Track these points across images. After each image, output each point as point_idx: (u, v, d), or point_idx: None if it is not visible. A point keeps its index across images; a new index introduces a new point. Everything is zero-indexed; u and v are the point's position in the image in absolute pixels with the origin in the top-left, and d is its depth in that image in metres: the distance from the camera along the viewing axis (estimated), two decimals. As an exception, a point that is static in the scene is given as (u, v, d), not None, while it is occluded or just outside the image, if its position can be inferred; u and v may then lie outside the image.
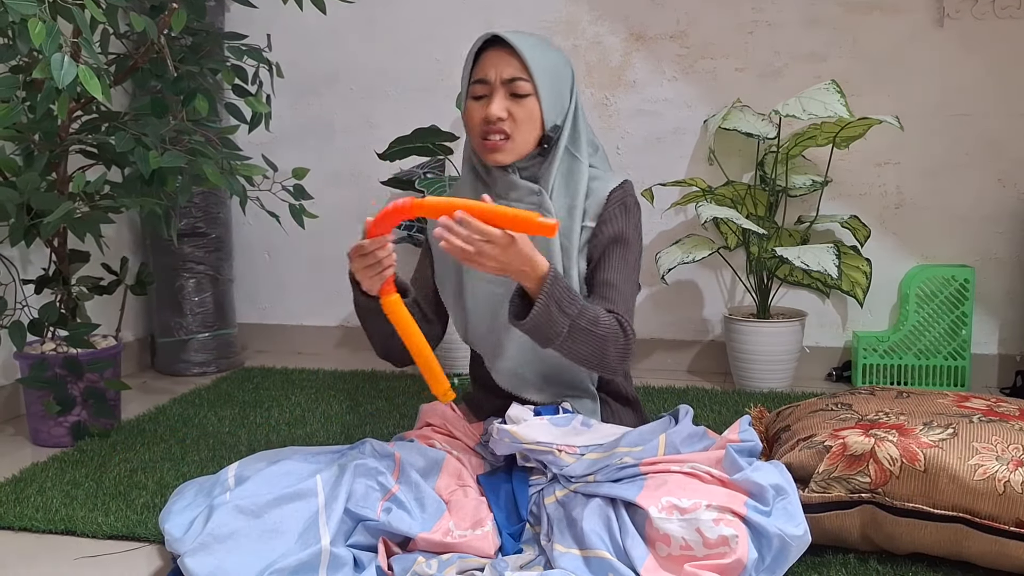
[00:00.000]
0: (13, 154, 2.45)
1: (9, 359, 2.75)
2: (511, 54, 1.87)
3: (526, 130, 1.89)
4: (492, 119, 1.86)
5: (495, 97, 1.87)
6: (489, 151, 1.90)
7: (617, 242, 1.92)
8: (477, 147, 1.93)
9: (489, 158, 1.91)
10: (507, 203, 1.91)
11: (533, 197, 1.92)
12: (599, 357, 1.79)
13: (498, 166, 1.92)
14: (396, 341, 1.83)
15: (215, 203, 3.37)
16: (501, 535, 1.73)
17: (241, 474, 1.80)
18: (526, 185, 1.92)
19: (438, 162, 3.24)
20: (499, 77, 1.87)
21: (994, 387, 3.12)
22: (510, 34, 1.88)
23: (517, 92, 1.87)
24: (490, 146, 1.89)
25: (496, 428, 1.82)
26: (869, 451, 1.78)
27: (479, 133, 1.90)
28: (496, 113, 1.86)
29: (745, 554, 1.51)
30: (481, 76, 1.89)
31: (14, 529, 2.02)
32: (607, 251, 1.92)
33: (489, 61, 1.89)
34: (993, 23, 3.02)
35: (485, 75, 1.88)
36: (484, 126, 1.88)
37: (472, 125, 1.92)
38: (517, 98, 1.88)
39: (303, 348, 3.68)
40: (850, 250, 3.02)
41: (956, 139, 3.09)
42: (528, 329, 1.73)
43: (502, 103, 1.87)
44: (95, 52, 2.05)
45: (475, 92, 1.90)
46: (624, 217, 1.94)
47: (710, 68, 3.23)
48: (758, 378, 3.05)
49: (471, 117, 1.91)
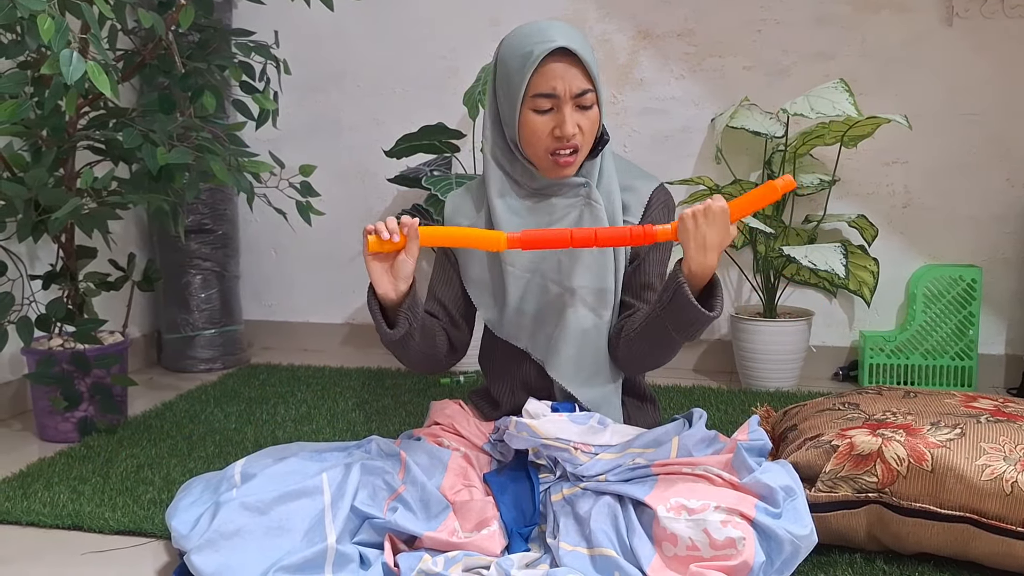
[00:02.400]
0: (21, 150, 2.45)
1: (16, 355, 2.75)
2: (576, 64, 1.81)
3: (590, 139, 1.87)
4: (568, 136, 1.81)
5: (565, 111, 1.81)
6: (561, 168, 1.86)
7: (658, 246, 1.94)
8: (542, 162, 1.87)
9: (558, 175, 1.88)
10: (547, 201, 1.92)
11: (580, 189, 1.91)
12: (670, 356, 1.90)
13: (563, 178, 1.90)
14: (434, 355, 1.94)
15: (222, 200, 3.37)
16: (510, 534, 1.73)
17: (247, 471, 1.80)
18: (574, 180, 1.91)
19: (445, 160, 3.24)
20: (569, 91, 1.80)
21: (1001, 387, 3.11)
22: (571, 40, 1.81)
23: (584, 104, 1.83)
24: (563, 163, 1.85)
25: (515, 422, 1.82)
26: (876, 451, 1.77)
27: (547, 148, 1.84)
28: (572, 131, 1.81)
29: (752, 556, 1.50)
30: (548, 90, 1.80)
31: (21, 524, 2.03)
32: (651, 253, 1.95)
33: (555, 73, 1.80)
34: (1002, 22, 3.01)
35: (553, 89, 1.80)
36: (555, 143, 1.84)
37: (536, 139, 1.84)
38: (583, 110, 1.84)
39: (309, 345, 3.69)
40: (857, 249, 3.02)
41: (964, 138, 3.09)
42: (701, 318, 1.76)
43: (573, 118, 1.81)
44: (103, 48, 2.05)
45: (539, 106, 1.82)
46: (668, 219, 1.96)
47: (718, 66, 3.23)
48: (764, 377, 3.05)
49: (534, 131, 1.83)
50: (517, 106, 1.83)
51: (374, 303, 1.84)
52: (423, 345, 1.89)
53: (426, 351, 1.91)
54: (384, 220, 1.76)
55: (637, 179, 1.98)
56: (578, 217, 1.91)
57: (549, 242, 1.77)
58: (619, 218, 1.93)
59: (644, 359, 1.90)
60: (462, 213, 2.01)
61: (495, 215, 1.94)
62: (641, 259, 1.95)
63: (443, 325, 2.00)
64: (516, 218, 1.93)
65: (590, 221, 1.90)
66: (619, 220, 1.92)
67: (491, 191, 1.95)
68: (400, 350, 1.88)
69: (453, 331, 2.01)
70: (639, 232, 1.75)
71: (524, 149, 1.88)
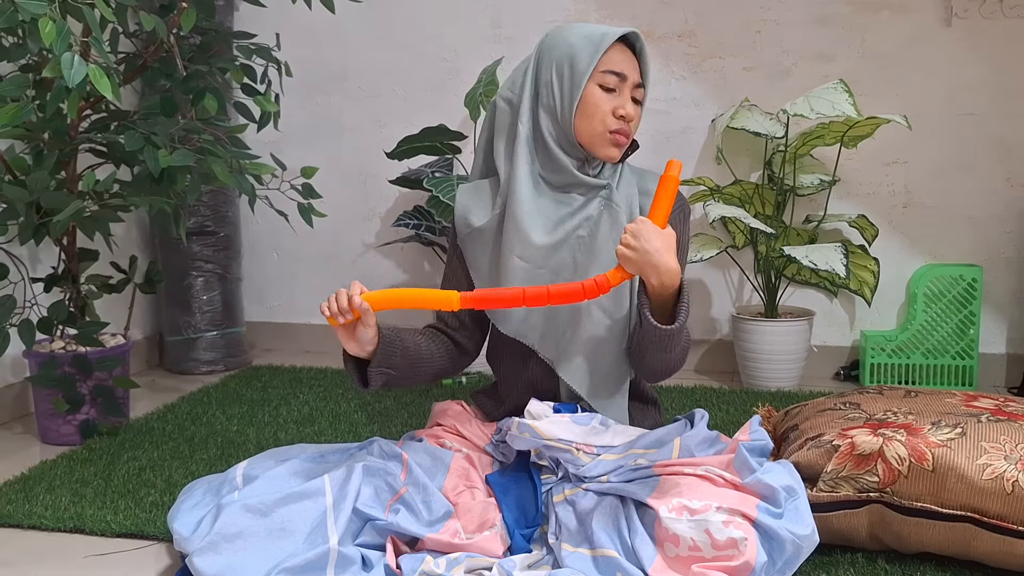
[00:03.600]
0: (23, 153, 2.45)
1: (18, 357, 2.76)
2: (636, 58, 1.90)
3: (633, 135, 1.93)
4: (630, 116, 1.88)
5: (625, 95, 1.88)
6: (613, 147, 1.90)
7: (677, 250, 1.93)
8: (599, 137, 1.89)
9: (610, 152, 1.91)
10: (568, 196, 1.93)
11: (602, 191, 1.93)
12: (679, 364, 1.89)
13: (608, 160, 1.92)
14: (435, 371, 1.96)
15: (224, 202, 3.37)
16: (512, 535, 1.73)
17: (249, 473, 1.80)
18: (595, 182, 1.93)
19: (446, 161, 3.24)
20: (633, 79, 1.88)
21: (1002, 386, 3.11)
22: (640, 42, 1.90)
23: (637, 99, 1.91)
24: (618, 140, 1.89)
25: (517, 423, 1.82)
26: (877, 450, 1.77)
27: (607, 125, 1.88)
28: (632, 114, 1.88)
29: (754, 556, 1.50)
30: (619, 70, 1.87)
31: (23, 527, 2.03)
32: None
33: (624, 57, 1.88)
34: (1001, 22, 3.02)
35: (623, 70, 1.87)
36: (617, 121, 1.88)
37: (598, 113, 1.87)
38: (636, 104, 1.91)
39: (311, 347, 3.69)
40: (858, 249, 3.02)
41: (964, 138, 3.09)
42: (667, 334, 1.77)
43: (632, 105, 1.89)
44: (105, 51, 2.05)
45: (606, 82, 1.87)
46: (683, 225, 1.99)
47: (718, 67, 3.23)
48: (766, 377, 3.05)
49: (598, 106, 1.87)
50: (583, 82, 1.86)
51: (350, 362, 1.88)
52: (415, 376, 1.93)
53: (422, 378, 1.96)
54: (334, 298, 1.78)
55: (652, 183, 1.99)
56: (597, 217, 1.92)
57: (502, 301, 1.75)
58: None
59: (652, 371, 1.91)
60: (474, 213, 1.99)
61: (519, 207, 1.91)
62: None
63: (450, 330, 2.00)
64: (539, 215, 1.92)
65: (608, 222, 1.91)
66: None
67: (518, 183, 1.92)
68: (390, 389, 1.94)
69: (463, 335, 2.01)
70: (591, 285, 1.72)
71: (579, 125, 1.89)
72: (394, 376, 1.88)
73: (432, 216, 3.16)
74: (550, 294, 1.73)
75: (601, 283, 1.72)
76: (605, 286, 1.72)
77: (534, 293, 1.73)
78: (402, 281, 3.57)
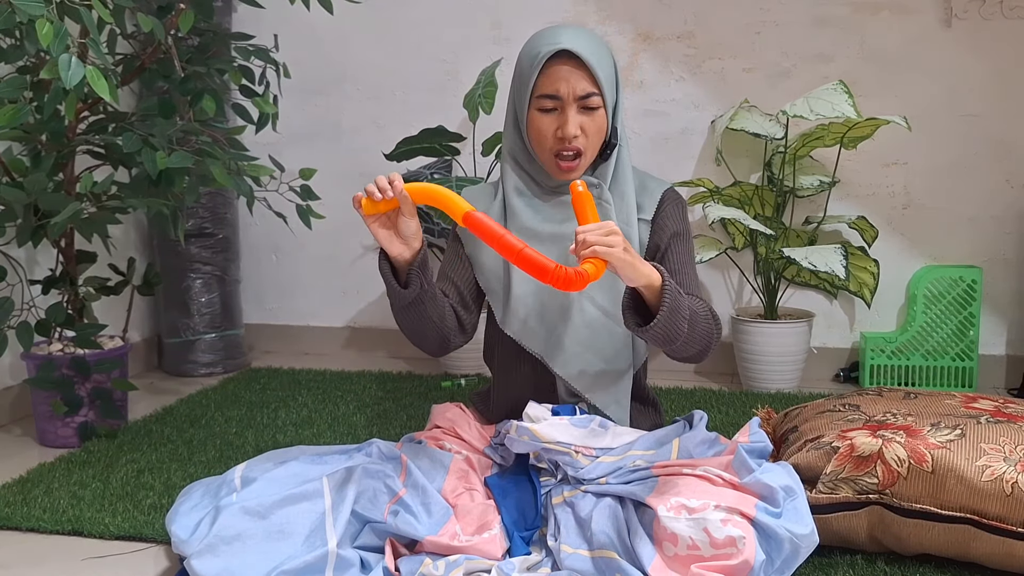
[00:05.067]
0: (20, 155, 2.45)
1: (16, 360, 2.75)
2: (581, 67, 1.84)
3: (595, 142, 1.90)
4: (569, 137, 1.85)
5: (568, 113, 1.84)
6: (563, 172, 1.89)
7: (678, 236, 1.97)
8: (547, 163, 1.91)
9: (562, 177, 1.91)
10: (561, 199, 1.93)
11: (592, 190, 1.92)
12: (705, 350, 1.84)
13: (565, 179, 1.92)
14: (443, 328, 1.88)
15: (222, 204, 3.37)
16: (511, 538, 1.73)
17: (248, 475, 1.80)
18: (585, 178, 1.93)
19: (445, 163, 3.24)
20: (572, 93, 1.84)
21: (1002, 388, 3.11)
22: (578, 44, 1.83)
23: (589, 106, 1.86)
24: (565, 167, 1.88)
25: (515, 426, 1.82)
26: (877, 452, 1.77)
27: (551, 149, 1.88)
28: (573, 132, 1.84)
29: (752, 555, 1.50)
30: (552, 91, 1.85)
31: (21, 530, 2.02)
32: (670, 245, 1.96)
33: (559, 75, 1.84)
34: (1001, 23, 3.01)
35: (556, 91, 1.84)
36: (559, 144, 1.87)
37: (541, 139, 1.88)
38: (588, 111, 1.86)
39: (310, 349, 3.69)
40: (858, 251, 3.01)
41: (964, 139, 3.09)
42: (653, 335, 1.71)
43: (576, 119, 1.85)
44: (102, 53, 2.05)
45: (543, 106, 1.86)
46: (681, 214, 2.00)
47: (717, 68, 3.23)
48: (765, 379, 3.04)
49: (539, 130, 1.88)
50: (525, 106, 1.88)
51: (385, 266, 1.80)
52: (433, 313, 1.85)
53: (436, 321, 1.87)
54: (374, 181, 1.72)
55: (650, 181, 2.02)
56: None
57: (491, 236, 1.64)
58: (633, 217, 1.95)
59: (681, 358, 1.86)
60: (477, 203, 2.02)
61: (513, 211, 1.96)
62: (663, 252, 1.96)
63: (453, 304, 1.97)
64: (536, 215, 1.96)
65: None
66: (633, 220, 1.95)
67: (508, 189, 1.98)
68: (411, 315, 1.84)
69: (463, 311, 1.98)
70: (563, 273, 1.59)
71: (532, 149, 1.92)
72: (426, 292, 1.81)
73: (431, 218, 3.16)
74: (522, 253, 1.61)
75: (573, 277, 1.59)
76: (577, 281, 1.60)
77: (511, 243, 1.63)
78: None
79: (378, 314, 3.60)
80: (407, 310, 1.83)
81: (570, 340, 1.92)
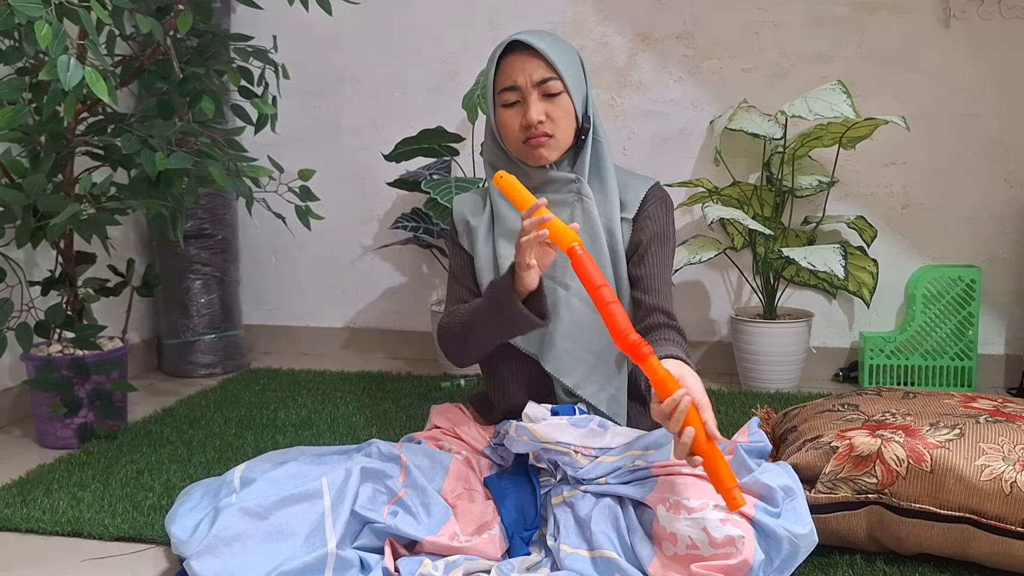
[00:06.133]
0: (19, 156, 2.45)
1: (16, 361, 2.75)
2: (535, 56, 1.87)
3: (565, 127, 1.91)
4: (533, 123, 1.87)
5: (530, 101, 1.87)
6: (535, 149, 1.90)
7: (659, 238, 1.96)
8: (519, 151, 1.93)
9: (536, 157, 1.91)
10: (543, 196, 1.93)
11: (571, 185, 1.94)
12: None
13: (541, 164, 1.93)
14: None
15: (221, 205, 3.37)
16: (510, 538, 1.73)
17: (247, 476, 1.80)
18: (563, 176, 1.94)
19: (444, 163, 3.24)
20: (530, 81, 1.87)
21: (1001, 387, 3.11)
22: (530, 36, 1.88)
23: (550, 92, 1.88)
24: (535, 143, 1.89)
25: (515, 426, 1.82)
26: (876, 452, 1.77)
27: (519, 138, 1.91)
28: (536, 117, 1.87)
29: (752, 555, 1.50)
30: (510, 83, 1.89)
31: (21, 531, 2.02)
32: (651, 246, 1.96)
33: (515, 66, 1.88)
34: (999, 23, 3.01)
35: (514, 81, 1.88)
36: (525, 132, 1.89)
37: (508, 132, 1.92)
38: (551, 97, 1.89)
39: (309, 349, 3.69)
40: (856, 250, 3.02)
41: (962, 139, 3.09)
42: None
43: (539, 106, 1.88)
44: (101, 54, 2.05)
45: (506, 100, 1.90)
46: (665, 215, 1.99)
47: (716, 69, 3.23)
48: (765, 379, 3.05)
49: (505, 125, 1.91)
50: (492, 107, 1.93)
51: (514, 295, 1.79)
52: None
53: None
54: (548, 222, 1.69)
55: (633, 179, 2.01)
56: (571, 214, 1.94)
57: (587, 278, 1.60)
58: (616, 214, 1.95)
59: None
60: (469, 209, 2.07)
61: (499, 215, 1.99)
62: (642, 253, 1.96)
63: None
64: (519, 216, 1.94)
65: (582, 217, 1.93)
66: (616, 216, 1.95)
67: (493, 195, 2.01)
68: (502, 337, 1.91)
69: None
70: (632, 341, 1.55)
71: (506, 147, 1.95)
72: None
73: (430, 218, 3.16)
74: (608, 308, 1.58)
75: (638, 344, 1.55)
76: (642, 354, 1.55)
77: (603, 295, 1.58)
78: (400, 283, 3.57)
79: (377, 315, 3.60)
80: (507, 334, 1.88)
81: (560, 337, 1.92)
